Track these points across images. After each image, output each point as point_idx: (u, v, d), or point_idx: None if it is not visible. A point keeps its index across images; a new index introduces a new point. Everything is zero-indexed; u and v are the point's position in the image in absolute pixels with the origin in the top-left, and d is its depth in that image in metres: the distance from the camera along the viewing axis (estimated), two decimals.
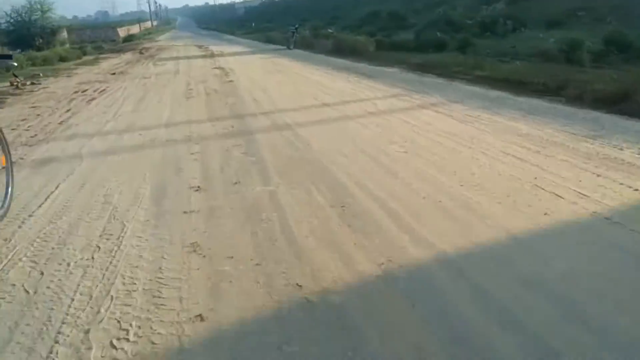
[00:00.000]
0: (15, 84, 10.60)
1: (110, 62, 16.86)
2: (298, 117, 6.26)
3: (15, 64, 6.85)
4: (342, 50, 16.06)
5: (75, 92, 9.58)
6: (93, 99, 8.61)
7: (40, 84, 11.06)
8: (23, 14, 20.35)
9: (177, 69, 13.36)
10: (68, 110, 7.51)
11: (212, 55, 17.82)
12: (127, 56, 19.83)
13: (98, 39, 52.94)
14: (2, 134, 3.36)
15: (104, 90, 9.67)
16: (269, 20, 53.69)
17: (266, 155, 4.57)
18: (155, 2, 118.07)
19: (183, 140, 5.28)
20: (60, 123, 6.56)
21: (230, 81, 10.13)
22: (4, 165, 3.38)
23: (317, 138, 5.09)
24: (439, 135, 4.96)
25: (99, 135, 5.74)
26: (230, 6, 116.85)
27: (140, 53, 20.92)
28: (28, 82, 11.04)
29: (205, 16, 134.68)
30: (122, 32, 57.15)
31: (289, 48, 19.57)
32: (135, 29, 70.45)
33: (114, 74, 12.77)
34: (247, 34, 37.06)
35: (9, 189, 3.38)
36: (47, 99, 8.86)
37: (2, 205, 3.23)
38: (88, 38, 52.78)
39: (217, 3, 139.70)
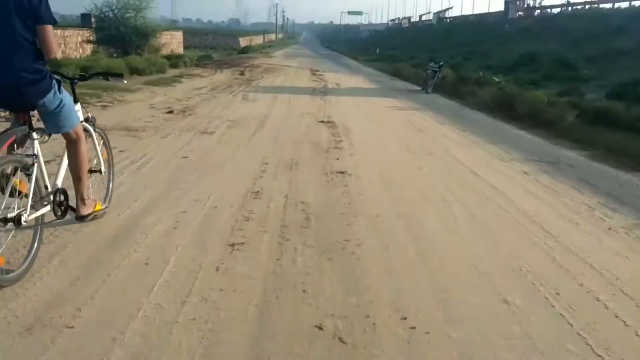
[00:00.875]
0: None
1: (189, 85, 12.60)
2: None
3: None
4: (510, 109, 10.60)
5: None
6: None
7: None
8: (115, 11, 16.93)
9: (267, 114, 8.64)
10: None
11: (325, 91, 13.07)
12: (222, 76, 15.69)
13: (219, 45, 51.31)
14: (105, 135, 3.69)
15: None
16: (394, 47, 48.77)
17: None
18: (284, 16, 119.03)
19: None
20: None
21: (343, 173, 5.11)
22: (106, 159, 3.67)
23: None
24: None
25: None
26: (355, 27, 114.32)
27: (241, 74, 16.75)
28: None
29: (329, 35, 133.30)
30: (244, 42, 55.25)
31: (425, 91, 14.40)
32: (259, 40, 68.94)
33: (171, 112, 8.27)
34: (370, 61, 32.41)
35: (110, 185, 3.75)
36: None
37: (105, 200, 3.60)
38: (210, 44, 51.42)
39: (342, 23, 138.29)
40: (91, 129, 3.41)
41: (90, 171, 3.37)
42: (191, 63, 18.21)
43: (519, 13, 40.18)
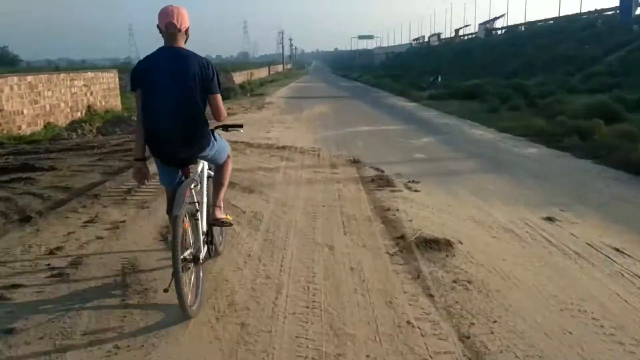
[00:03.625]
0: None
1: None
2: None
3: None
4: None
5: None
6: None
7: None
8: None
9: None
10: None
11: None
12: None
13: None
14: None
15: None
16: (433, 71, 33.75)
17: None
18: (291, 45, 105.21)
19: None
20: None
21: None
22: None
23: None
24: None
25: None
26: (368, 52, 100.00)
27: None
28: None
29: (340, 61, 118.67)
30: (240, 78, 40.35)
31: None
32: (262, 73, 54.27)
33: None
34: (435, 100, 16.98)
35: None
36: None
37: (220, 243, 3.59)
38: None
39: (354, 48, 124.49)
40: None
41: None
42: None
43: None
